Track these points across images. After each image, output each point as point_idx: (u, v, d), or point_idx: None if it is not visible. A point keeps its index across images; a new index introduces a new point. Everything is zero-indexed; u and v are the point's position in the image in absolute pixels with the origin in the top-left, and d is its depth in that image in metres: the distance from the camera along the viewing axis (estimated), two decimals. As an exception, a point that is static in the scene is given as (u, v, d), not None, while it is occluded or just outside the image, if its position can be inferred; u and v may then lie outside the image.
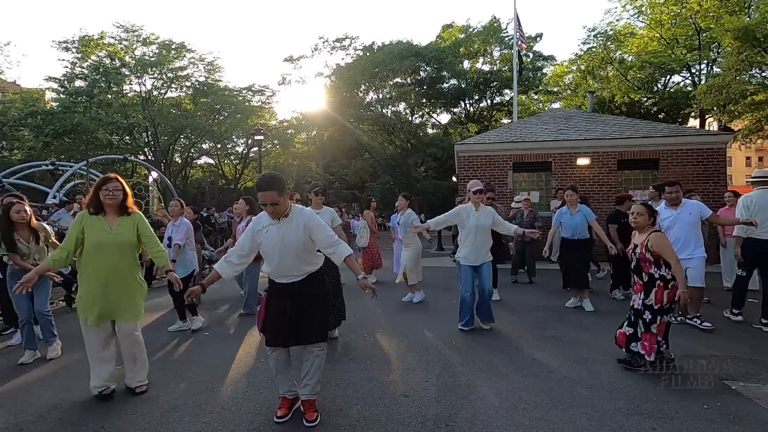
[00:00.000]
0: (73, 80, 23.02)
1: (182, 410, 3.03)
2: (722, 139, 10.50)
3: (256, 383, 3.47)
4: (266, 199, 2.65)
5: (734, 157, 42.82)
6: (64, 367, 3.95)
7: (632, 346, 3.55)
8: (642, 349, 3.49)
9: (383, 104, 27.06)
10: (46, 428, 2.84)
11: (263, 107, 28.49)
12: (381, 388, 3.32)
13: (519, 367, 3.71)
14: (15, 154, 23.34)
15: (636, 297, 3.61)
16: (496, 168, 11.17)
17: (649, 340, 3.46)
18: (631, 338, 3.58)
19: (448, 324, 5.11)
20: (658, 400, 3.04)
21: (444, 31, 29.43)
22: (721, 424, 2.72)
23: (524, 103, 28.30)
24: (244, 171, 30.74)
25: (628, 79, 21.91)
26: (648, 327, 3.49)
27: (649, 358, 3.44)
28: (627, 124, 11.98)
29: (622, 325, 3.72)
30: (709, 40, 18.89)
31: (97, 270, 3.13)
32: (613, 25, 22.72)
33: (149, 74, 24.59)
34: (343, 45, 28.70)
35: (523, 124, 13.65)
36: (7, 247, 4.00)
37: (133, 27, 23.70)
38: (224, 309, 6.25)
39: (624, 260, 6.30)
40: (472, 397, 3.15)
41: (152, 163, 23.63)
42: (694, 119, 22.27)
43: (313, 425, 2.75)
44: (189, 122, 23.68)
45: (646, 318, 3.51)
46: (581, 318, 5.28)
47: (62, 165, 16.66)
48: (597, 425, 2.73)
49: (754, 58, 13.63)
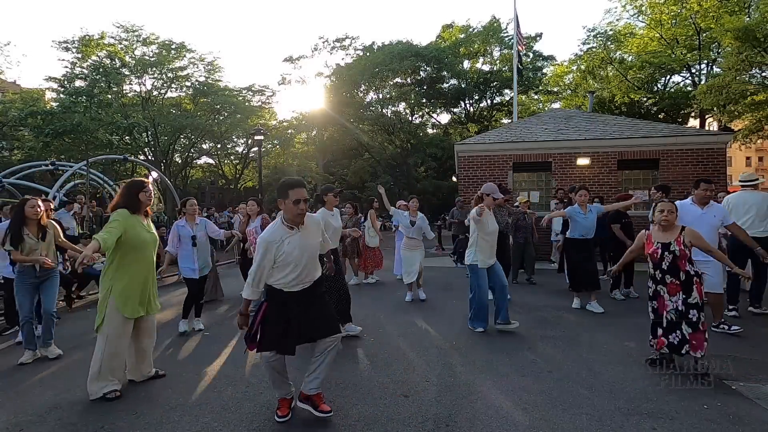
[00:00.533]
0: (73, 80, 23.01)
1: (182, 410, 3.03)
2: (722, 139, 10.50)
3: (256, 383, 3.47)
4: (302, 195, 2.70)
5: (734, 157, 42.86)
6: (64, 367, 3.95)
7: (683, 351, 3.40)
8: (692, 350, 3.35)
9: (383, 104, 27.08)
10: (46, 428, 2.84)
11: (263, 107, 28.48)
12: (381, 388, 3.32)
13: (519, 367, 3.71)
14: (15, 154, 23.31)
15: (673, 299, 3.44)
16: (496, 168, 11.17)
17: (698, 338, 3.35)
18: (680, 344, 3.40)
19: (448, 324, 5.11)
20: (658, 400, 3.04)
21: (444, 31, 29.44)
22: (721, 424, 2.72)
23: (524, 103, 28.30)
24: (244, 171, 30.75)
25: (628, 79, 21.91)
26: (696, 326, 3.36)
27: (701, 354, 3.35)
28: (627, 124, 11.97)
29: (655, 332, 3.55)
30: (709, 40, 18.89)
31: (140, 266, 3.34)
32: (613, 25, 22.75)
33: (149, 74, 24.58)
34: (343, 45, 28.73)
35: (523, 124, 13.65)
36: (13, 241, 4.03)
37: (133, 27, 23.70)
38: (224, 309, 6.25)
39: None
40: (472, 397, 3.15)
41: (152, 163, 23.62)
42: (694, 119, 22.27)
43: (329, 415, 2.80)
44: (189, 122, 23.67)
45: (692, 317, 3.37)
46: (581, 318, 5.28)
47: (62, 165, 16.63)
48: (597, 425, 2.73)
49: (754, 58, 13.63)
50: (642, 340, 4.32)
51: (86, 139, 21.18)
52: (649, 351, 3.74)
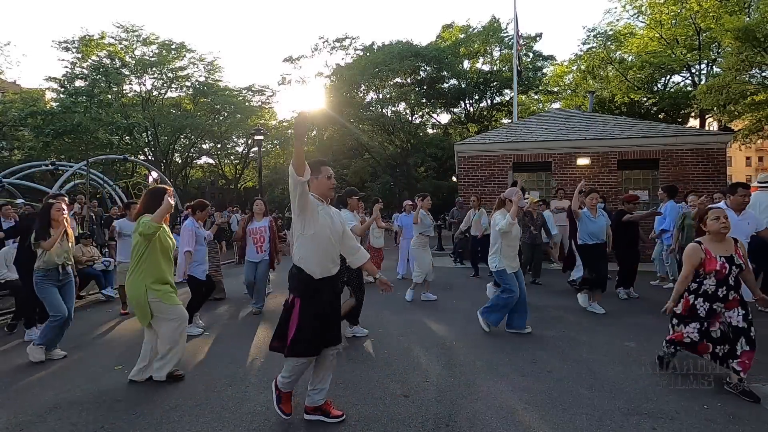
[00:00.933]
0: (73, 80, 23.01)
1: (182, 410, 3.03)
2: (722, 139, 10.50)
3: (256, 383, 3.47)
4: (331, 172, 2.80)
5: (734, 157, 42.85)
6: (64, 367, 3.95)
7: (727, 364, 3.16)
8: (740, 366, 3.07)
9: (383, 104, 27.06)
10: (46, 428, 2.84)
11: (263, 107, 28.48)
12: (381, 388, 3.32)
13: (519, 367, 3.71)
14: (15, 154, 23.31)
15: (733, 313, 3.12)
16: (496, 168, 11.17)
17: (750, 357, 3.07)
18: (726, 356, 3.15)
19: (449, 324, 5.11)
20: (658, 400, 3.04)
21: (444, 31, 29.42)
22: (721, 424, 2.72)
23: (524, 103, 28.28)
24: (244, 171, 30.75)
25: (628, 79, 21.91)
26: (753, 344, 3.08)
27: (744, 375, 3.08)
28: (627, 124, 11.98)
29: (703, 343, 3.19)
30: (709, 40, 18.89)
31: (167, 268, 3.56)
32: (613, 25, 22.74)
33: (149, 74, 24.60)
34: (343, 45, 28.70)
35: (523, 124, 13.65)
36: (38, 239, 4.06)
37: (133, 27, 23.71)
38: (224, 309, 6.25)
39: (628, 260, 6.29)
40: (472, 397, 3.15)
41: (152, 163, 23.64)
42: (694, 119, 22.27)
43: (343, 418, 2.80)
44: (189, 122, 23.67)
45: (753, 335, 3.09)
46: (581, 318, 5.28)
47: (62, 165, 16.65)
48: (597, 425, 2.73)
49: (754, 58, 13.64)
50: (642, 340, 4.34)
51: (86, 139, 21.18)
52: (648, 351, 3.73)
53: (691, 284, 3.24)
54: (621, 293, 6.31)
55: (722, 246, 3.15)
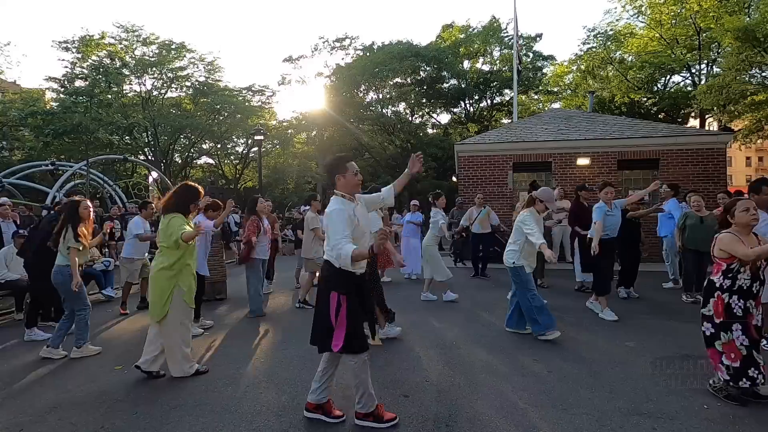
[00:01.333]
0: (74, 80, 22.98)
1: (182, 410, 3.03)
2: (722, 139, 10.50)
3: (256, 383, 3.47)
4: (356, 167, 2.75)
5: (734, 157, 42.84)
6: (64, 367, 3.95)
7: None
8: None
9: (383, 104, 27.03)
10: (46, 428, 2.84)
11: (263, 107, 28.43)
12: (381, 388, 3.31)
13: (519, 367, 3.71)
14: (15, 154, 23.30)
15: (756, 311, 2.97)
16: (496, 168, 11.17)
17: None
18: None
19: (449, 324, 5.11)
20: (658, 400, 3.04)
21: (444, 31, 29.40)
22: (721, 424, 2.72)
23: (524, 103, 28.26)
24: (244, 171, 30.71)
25: (628, 79, 21.92)
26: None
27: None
28: (627, 124, 11.98)
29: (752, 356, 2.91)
30: (709, 40, 18.90)
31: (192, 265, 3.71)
32: (613, 25, 22.74)
33: (149, 74, 24.55)
34: (343, 45, 28.66)
35: (523, 124, 13.65)
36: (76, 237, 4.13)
37: (133, 27, 23.67)
38: (224, 309, 6.25)
39: (630, 259, 6.29)
40: (472, 397, 3.15)
41: (152, 163, 23.61)
42: (694, 119, 22.28)
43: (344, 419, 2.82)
44: (189, 122, 23.65)
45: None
46: (581, 318, 5.28)
47: (62, 165, 16.64)
48: (597, 425, 2.73)
49: (754, 58, 13.65)
50: (642, 340, 4.34)
51: (86, 139, 21.17)
52: (649, 351, 3.73)
53: (724, 282, 2.97)
54: (621, 292, 6.31)
55: (750, 240, 2.96)
